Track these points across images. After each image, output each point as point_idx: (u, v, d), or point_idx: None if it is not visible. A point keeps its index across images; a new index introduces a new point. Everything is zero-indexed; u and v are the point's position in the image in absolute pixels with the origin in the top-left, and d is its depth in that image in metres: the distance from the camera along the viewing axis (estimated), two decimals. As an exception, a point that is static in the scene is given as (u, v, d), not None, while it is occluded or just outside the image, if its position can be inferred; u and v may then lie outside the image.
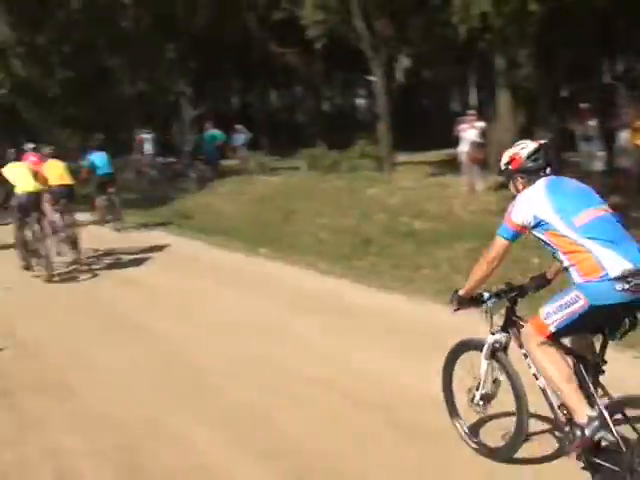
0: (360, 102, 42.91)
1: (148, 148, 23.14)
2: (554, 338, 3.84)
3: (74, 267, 11.59)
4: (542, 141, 4.17)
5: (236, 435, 5.14)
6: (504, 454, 4.37)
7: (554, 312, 3.77)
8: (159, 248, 12.97)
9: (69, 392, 6.16)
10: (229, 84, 41.26)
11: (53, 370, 6.77)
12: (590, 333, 3.98)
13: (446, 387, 4.77)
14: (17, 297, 9.83)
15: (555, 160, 4.15)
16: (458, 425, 4.72)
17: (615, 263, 3.60)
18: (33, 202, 10.88)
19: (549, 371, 3.86)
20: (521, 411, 4.22)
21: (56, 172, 12.05)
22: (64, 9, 26.55)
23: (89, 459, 4.92)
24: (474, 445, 4.60)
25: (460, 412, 4.73)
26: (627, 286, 3.55)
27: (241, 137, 22.40)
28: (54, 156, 12.55)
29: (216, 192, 18.61)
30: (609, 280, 3.58)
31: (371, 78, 20.95)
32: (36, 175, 11.21)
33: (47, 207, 11.82)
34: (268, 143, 30.88)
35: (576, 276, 3.72)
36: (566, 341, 4.00)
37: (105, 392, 6.10)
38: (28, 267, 11.26)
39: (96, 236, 14.01)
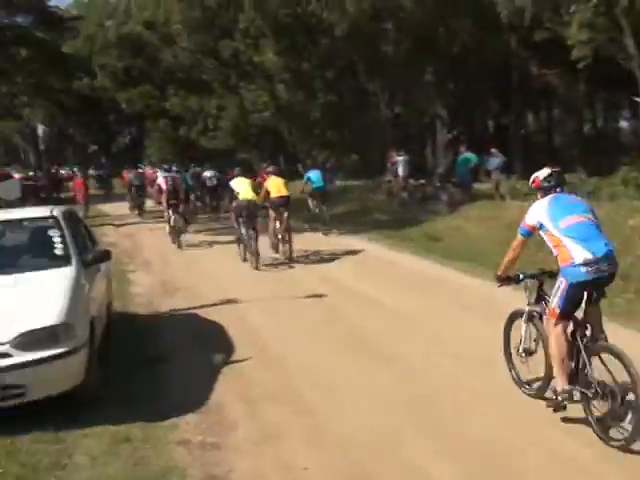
0: (624, 125, 40.35)
1: (401, 170, 23.36)
2: (562, 317, 5.45)
3: (285, 262, 14.11)
4: (555, 168, 5.97)
5: (473, 472, 4.90)
6: (538, 393, 5.96)
7: (554, 298, 5.47)
8: (382, 262, 13.46)
9: (307, 406, 6.25)
10: (485, 106, 40.68)
11: (293, 381, 6.94)
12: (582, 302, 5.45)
13: (505, 346, 6.48)
14: (247, 291, 11.15)
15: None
16: (513, 373, 6.38)
17: (580, 254, 5.29)
18: (249, 207, 14.04)
19: (553, 347, 5.51)
20: (549, 363, 5.76)
21: (276, 186, 14.67)
22: (328, 37, 27.69)
23: (321, 477, 4.94)
24: (521, 387, 6.24)
25: (515, 364, 6.34)
26: (589, 269, 5.26)
27: (495, 160, 21.81)
28: (275, 173, 15.37)
29: (466, 216, 18.27)
30: (575, 265, 5.30)
31: (638, 99, 19.54)
32: (257, 187, 14.93)
33: (270, 214, 14.85)
34: (522, 167, 29.94)
35: (559, 262, 5.44)
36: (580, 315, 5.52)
37: (341, 409, 6.11)
38: (244, 259, 14.27)
39: (309, 239, 16.83)
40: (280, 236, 14.68)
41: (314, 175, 19.13)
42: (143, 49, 44.17)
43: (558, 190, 5.79)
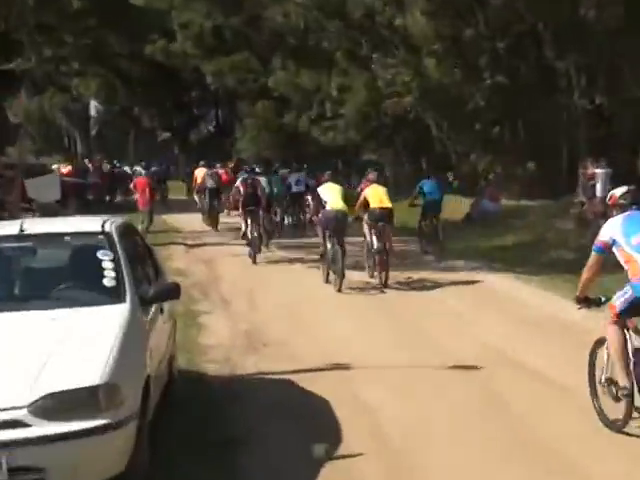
0: None
1: (599, 188, 22.84)
2: (619, 316, 7.62)
3: (378, 287, 16.42)
4: (631, 187, 8.24)
5: None
6: (619, 427, 7.76)
7: (618, 298, 7.64)
8: (553, 320, 13.47)
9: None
10: None
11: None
12: None
13: (590, 374, 8.29)
14: (349, 341, 11.95)
15: None
16: (595, 403, 8.17)
17: None
18: (337, 219, 16.39)
19: (611, 343, 7.68)
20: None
21: (376, 196, 16.92)
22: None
23: None
24: (601, 418, 8.03)
25: (598, 394, 8.12)
26: None
27: None
28: (376, 181, 17.84)
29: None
30: None
31: None
32: (347, 196, 17.25)
33: (365, 227, 17.15)
34: None
35: (629, 276, 7.54)
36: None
37: None
38: (327, 280, 16.68)
39: (411, 262, 19.17)
40: (377, 256, 16.74)
41: (428, 185, 21.62)
42: (240, 4, 44.95)
43: (634, 208, 7.87)
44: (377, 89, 34.43)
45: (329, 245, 16.52)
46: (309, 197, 23.95)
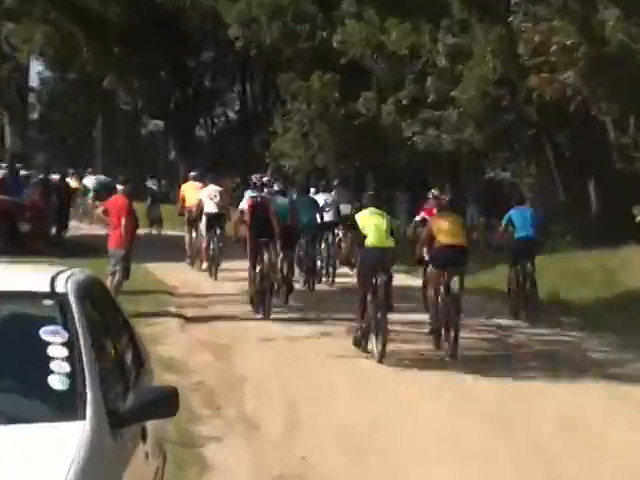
0: None
1: None
2: None
3: (441, 359, 19.08)
4: None
5: None
6: None
7: None
8: None
9: None
10: None
11: None
12: None
13: None
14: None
15: None
16: None
17: None
18: (383, 261, 18.62)
19: None
20: None
21: (446, 229, 19.31)
22: None
23: None
24: None
25: None
26: None
27: None
28: (444, 207, 19.61)
29: None
30: None
31: None
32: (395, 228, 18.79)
33: (428, 274, 20.58)
34: None
35: None
36: None
37: None
38: (364, 349, 19.08)
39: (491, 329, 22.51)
40: (442, 308, 19.21)
41: (519, 216, 24.20)
42: None
43: None
44: (515, 57, 34.31)
45: (369, 298, 18.60)
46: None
